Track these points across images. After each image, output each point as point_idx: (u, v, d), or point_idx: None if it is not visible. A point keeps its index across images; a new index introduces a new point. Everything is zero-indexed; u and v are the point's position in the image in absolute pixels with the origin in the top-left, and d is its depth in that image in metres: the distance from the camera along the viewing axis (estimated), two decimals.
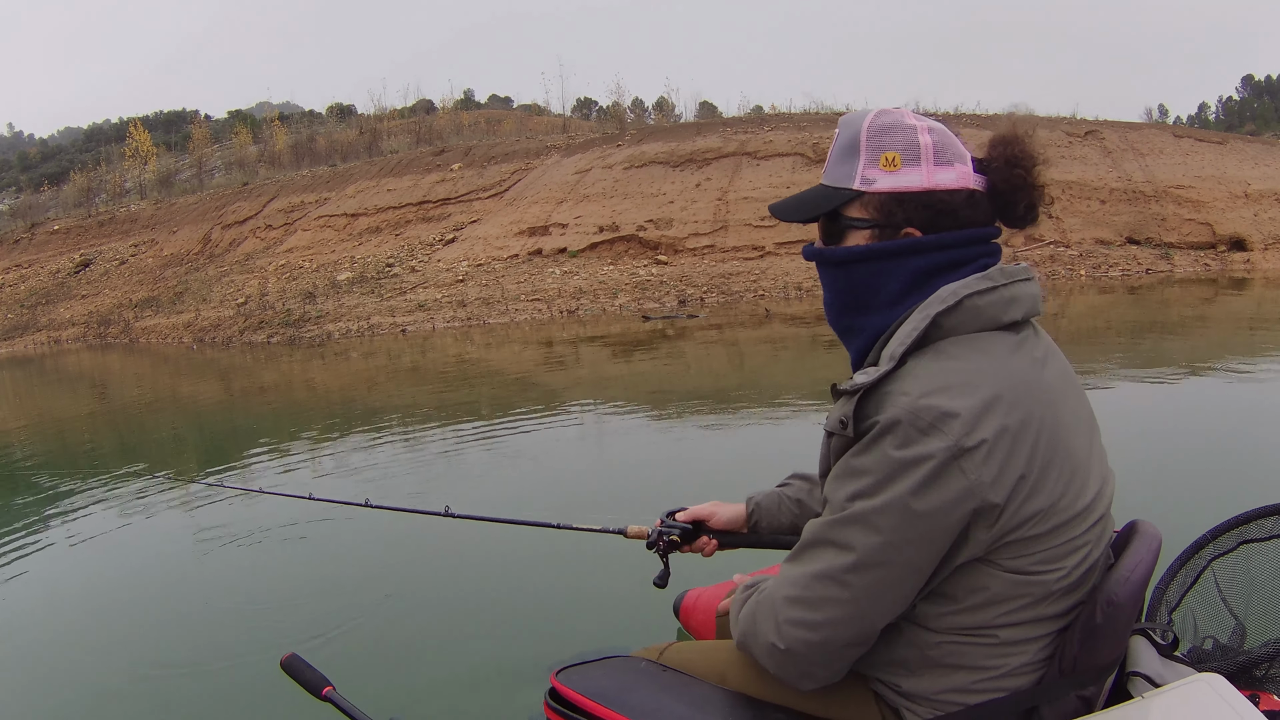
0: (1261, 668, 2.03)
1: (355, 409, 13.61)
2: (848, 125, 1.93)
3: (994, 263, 1.89)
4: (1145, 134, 34.22)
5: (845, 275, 1.92)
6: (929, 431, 1.63)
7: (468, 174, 35.72)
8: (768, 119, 37.31)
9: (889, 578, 1.72)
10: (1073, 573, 1.79)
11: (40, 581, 6.08)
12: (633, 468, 8.09)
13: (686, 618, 3.23)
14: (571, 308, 25.68)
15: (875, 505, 1.68)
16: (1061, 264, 27.41)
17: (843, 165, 1.91)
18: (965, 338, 1.77)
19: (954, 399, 1.65)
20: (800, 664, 1.83)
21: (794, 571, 1.83)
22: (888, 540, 1.68)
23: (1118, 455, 1.98)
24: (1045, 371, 1.81)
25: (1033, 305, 1.87)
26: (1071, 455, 1.77)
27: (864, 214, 1.89)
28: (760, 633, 1.88)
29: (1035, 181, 1.89)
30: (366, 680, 4.11)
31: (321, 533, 6.62)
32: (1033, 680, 1.85)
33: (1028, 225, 1.94)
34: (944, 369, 1.72)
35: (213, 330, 29.54)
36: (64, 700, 4.28)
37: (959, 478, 1.63)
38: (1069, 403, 1.84)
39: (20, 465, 11.00)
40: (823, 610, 1.77)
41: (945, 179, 1.85)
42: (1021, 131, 1.93)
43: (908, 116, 1.90)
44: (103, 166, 60.45)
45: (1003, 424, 1.65)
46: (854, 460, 1.74)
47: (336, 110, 71.60)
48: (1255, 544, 2.37)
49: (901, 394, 1.70)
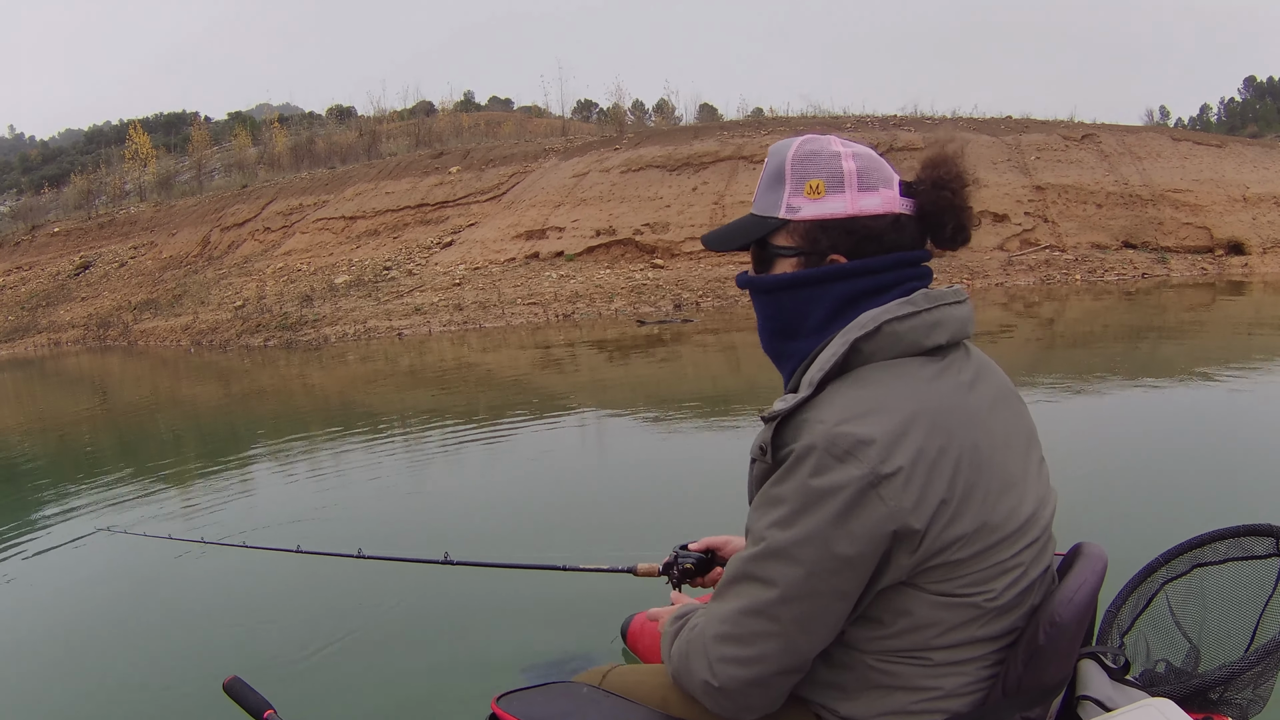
0: (1216, 690, 2.03)
1: (348, 415, 13.60)
2: (775, 154, 1.95)
3: (922, 285, 1.91)
4: (1143, 137, 34.15)
5: (774, 302, 1.95)
6: (845, 459, 1.64)
7: (466, 177, 35.74)
8: (765, 122, 37.39)
9: (815, 608, 1.71)
10: (1003, 594, 1.79)
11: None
12: (636, 489, 7.80)
13: (635, 641, 3.23)
14: (567, 311, 25.67)
15: (794, 537, 1.68)
16: (1057, 268, 27.37)
17: (770, 194, 1.94)
18: (884, 364, 1.78)
19: (869, 425, 1.66)
20: (737, 699, 1.82)
21: (721, 608, 1.83)
22: (810, 571, 1.68)
23: (1071, 474, 1.97)
24: (971, 394, 1.81)
25: (960, 328, 1.87)
26: (1002, 476, 1.77)
27: (790, 242, 1.91)
28: (694, 671, 1.87)
29: (962, 203, 1.90)
30: (308, 705, 4.08)
31: (270, 557, 6.48)
32: (974, 701, 1.85)
33: (958, 246, 1.94)
34: (861, 396, 1.73)
35: (210, 333, 29.54)
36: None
37: (877, 505, 1.63)
38: (1001, 423, 1.84)
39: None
40: (753, 645, 1.76)
41: (869, 204, 1.86)
42: (951, 152, 1.94)
43: (833, 144, 1.91)
44: (103, 169, 60.54)
45: (920, 448, 1.65)
46: (772, 489, 1.74)
47: (336, 112, 71.68)
48: (1209, 567, 2.37)
49: (818, 421, 1.71)
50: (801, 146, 1.92)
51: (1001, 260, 27.77)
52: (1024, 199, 29.86)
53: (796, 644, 1.75)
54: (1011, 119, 35.90)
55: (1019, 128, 33.98)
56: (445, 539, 5.99)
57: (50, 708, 4.35)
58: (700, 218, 29.53)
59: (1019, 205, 29.61)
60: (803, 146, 1.92)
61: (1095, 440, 8.39)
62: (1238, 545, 2.33)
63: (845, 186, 1.86)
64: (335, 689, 4.26)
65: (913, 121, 34.95)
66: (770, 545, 1.72)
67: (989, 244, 28.42)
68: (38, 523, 7.84)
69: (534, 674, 4.11)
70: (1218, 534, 2.37)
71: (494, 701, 2.16)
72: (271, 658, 4.64)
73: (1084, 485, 6.39)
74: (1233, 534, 2.34)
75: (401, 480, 8.60)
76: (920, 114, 36.90)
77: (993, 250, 28.30)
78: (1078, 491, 5.66)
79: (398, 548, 5.91)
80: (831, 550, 1.65)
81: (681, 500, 7.07)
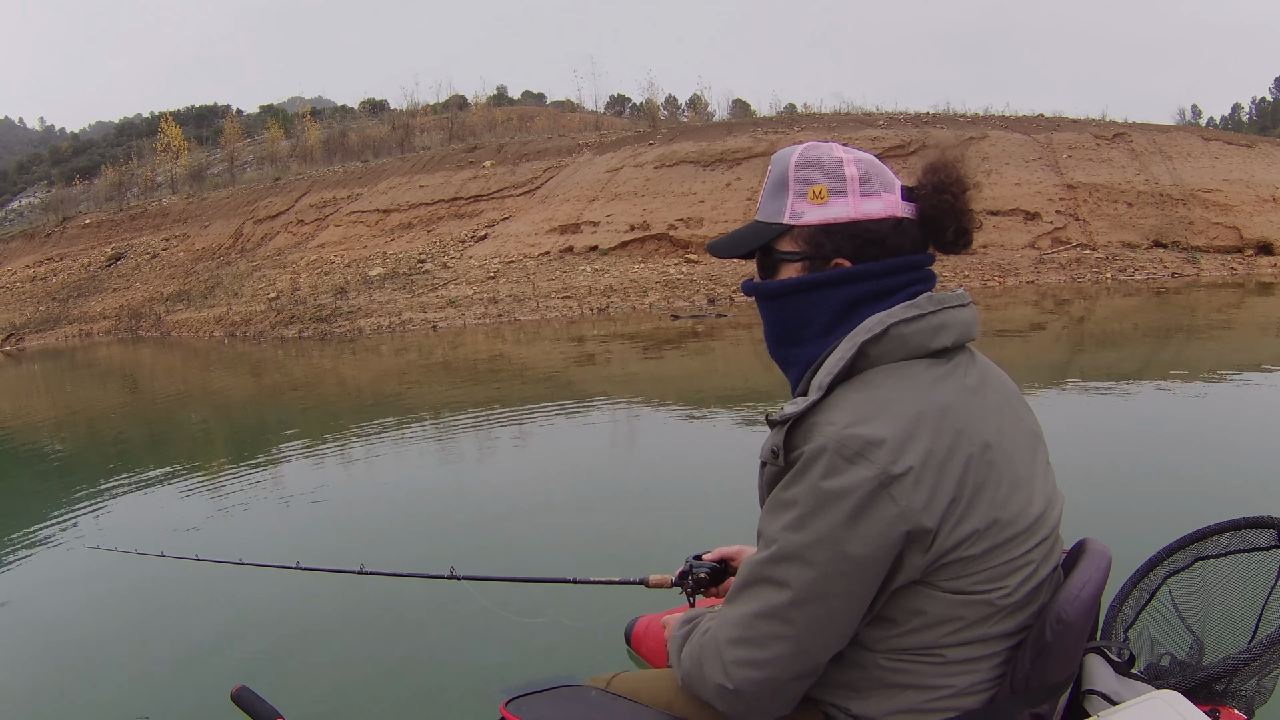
0: (1221, 682, 2.03)
1: (370, 411, 13.71)
2: (778, 162, 1.98)
3: (925, 289, 1.92)
4: (1173, 136, 34.00)
5: (779, 307, 1.96)
6: (855, 460, 1.65)
7: (500, 171, 35.94)
8: (798, 119, 37.41)
9: (829, 609, 1.73)
10: (1016, 591, 1.80)
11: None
12: (652, 493, 7.55)
13: (638, 644, 3.23)
14: (602, 305, 25.89)
15: (806, 539, 1.69)
16: (1087, 266, 27.31)
17: (774, 201, 1.96)
18: (891, 366, 1.80)
19: (879, 427, 1.68)
20: (751, 702, 1.84)
21: (734, 612, 1.84)
22: (822, 573, 1.69)
23: (1079, 470, 2.05)
24: (977, 396, 1.83)
25: (965, 331, 1.90)
26: (1011, 475, 1.79)
27: (794, 247, 1.93)
28: (707, 675, 1.88)
29: (963, 206, 1.93)
30: (317, 712, 4.07)
31: (263, 567, 6.24)
32: (984, 699, 1.87)
33: (959, 250, 1.97)
34: (869, 398, 1.75)
35: (244, 325, 29.95)
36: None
37: (889, 505, 1.64)
38: (1007, 425, 1.86)
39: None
40: (768, 648, 1.77)
41: (872, 208, 1.88)
42: (951, 157, 1.96)
43: (835, 149, 1.94)
44: (134, 161, 60.74)
45: (929, 448, 1.67)
46: (783, 493, 1.76)
47: (369, 105, 71.85)
48: (1211, 560, 2.38)
49: (828, 424, 1.72)
50: (804, 153, 1.95)
51: (1033, 258, 27.76)
52: (1055, 197, 29.83)
53: (811, 646, 1.76)
54: (1044, 117, 35.80)
55: (1051, 126, 33.92)
56: (453, 549, 6.24)
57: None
58: (734, 213, 29.66)
59: (1050, 204, 29.60)
60: (805, 153, 1.95)
61: (1105, 435, 8.44)
62: (1239, 538, 2.34)
63: (848, 191, 1.89)
64: (344, 698, 4.25)
65: (945, 119, 34.90)
66: (782, 548, 1.73)
67: (1020, 242, 28.45)
68: (22, 539, 7.56)
69: (542, 681, 4.08)
70: (1219, 527, 2.38)
71: (503, 706, 2.17)
72: (278, 667, 4.63)
73: (1089, 480, 6.45)
74: (1234, 526, 2.35)
75: (405, 486, 8.41)
76: (953, 111, 36.80)
77: (1024, 248, 28.30)
78: (1082, 487, 5.76)
79: (406, 555, 6.04)
80: (844, 551, 1.67)
81: (697, 506, 6.93)
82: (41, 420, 15.83)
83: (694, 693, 1.97)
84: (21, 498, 9.68)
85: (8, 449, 13.10)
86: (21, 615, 5.83)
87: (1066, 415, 9.26)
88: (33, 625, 5.62)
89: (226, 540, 6.89)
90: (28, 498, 9.58)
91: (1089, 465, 6.93)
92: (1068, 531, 1.99)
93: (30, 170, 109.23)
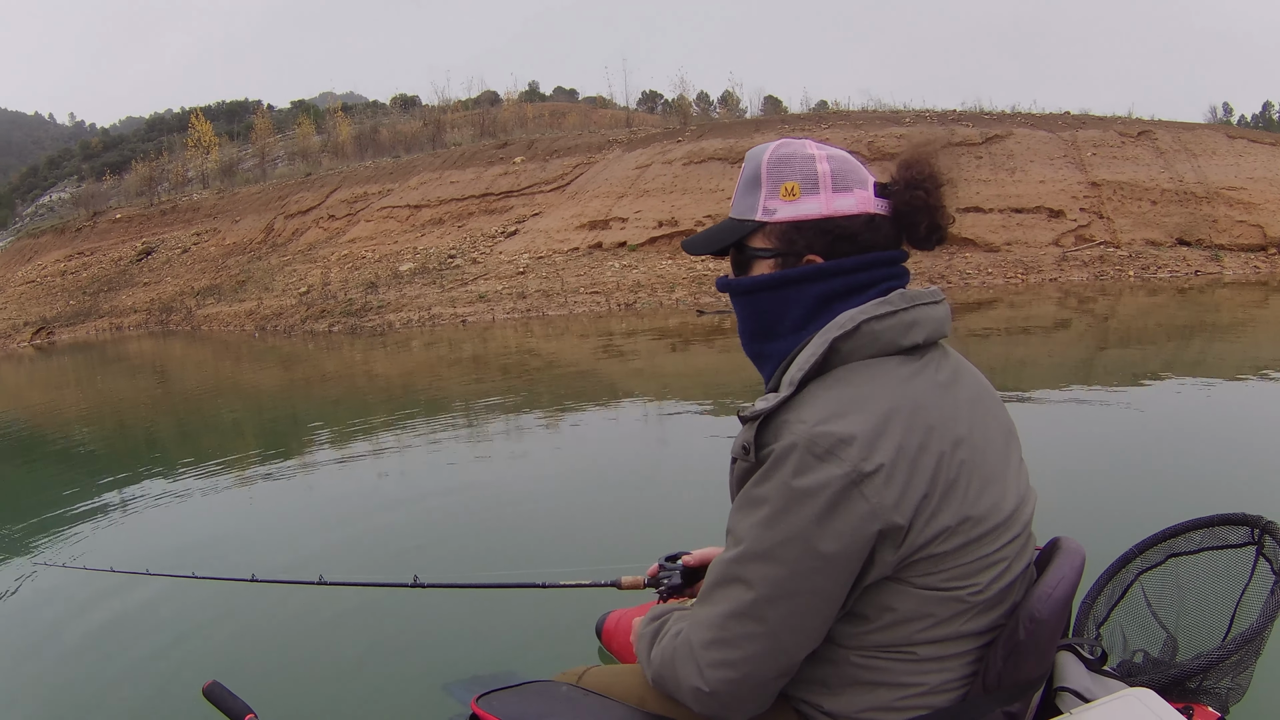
0: (1194, 679, 2.05)
1: (411, 400, 14.00)
2: (751, 159, 2.00)
3: (899, 285, 1.94)
4: (1198, 134, 33.81)
5: (752, 303, 1.98)
6: (826, 458, 1.66)
7: (530, 167, 36.23)
8: (826, 116, 37.56)
9: (801, 606, 1.73)
10: (988, 588, 1.81)
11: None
12: (635, 495, 7.29)
13: (609, 639, 3.26)
14: (629, 301, 26.12)
15: (776, 537, 1.70)
16: (1110, 264, 27.23)
17: (747, 198, 1.98)
18: (863, 363, 1.80)
19: (849, 424, 1.68)
20: (727, 702, 1.84)
21: (707, 613, 1.84)
22: (793, 571, 1.70)
23: (1055, 468, 2.08)
24: (949, 392, 1.84)
25: (937, 328, 1.90)
26: (984, 472, 1.80)
27: (767, 244, 1.95)
28: (682, 678, 1.88)
29: (936, 202, 1.93)
30: (289, 708, 4.03)
31: (240, 556, 6.36)
32: (956, 697, 1.87)
33: (932, 246, 1.97)
34: (840, 395, 1.75)
35: (275, 318, 30.34)
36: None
37: (860, 503, 1.65)
38: (979, 421, 1.86)
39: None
40: (742, 648, 1.77)
41: (844, 205, 1.89)
42: (925, 154, 1.96)
43: (808, 146, 1.95)
44: (165, 156, 60.97)
45: (900, 445, 1.68)
46: (754, 490, 1.76)
47: (400, 101, 72.05)
48: (1183, 557, 2.40)
49: (799, 421, 1.72)
50: (776, 150, 1.96)
51: (1056, 256, 27.77)
52: (1079, 195, 29.82)
53: (785, 644, 1.76)
54: (1069, 115, 35.71)
55: (1076, 124, 33.86)
56: (418, 553, 5.99)
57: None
58: None
59: (1074, 201, 29.60)
60: (777, 150, 1.95)
61: (1084, 433, 8.41)
62: (1212, 534, 2.36)
63: (820, 188, 1.89)
64: (316, 695, 4.21)
65: (970, 116, 34.89)
66: (752, 546, 1.73)
67: (1044, 239, 28.53)
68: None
69: (513, 676, 3.90)
70: (1192, 524, 2.41)
71: (474, 701, 2.18)
72: (250, 665, 4.58)
73: (1065, 477, 6.40)
74: (1207, 524, 2.38)
75: (369, 490, 8.13)
76: (980, 109, 36.74)
77: (1048, 246, 28.32)
78: (1058, 484, 5.69)
79: (370, 562, 5.93)
80: (815, 549, 1.67)
81: (673, 505, 6.77)
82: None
83: (666, 693, 1.99)
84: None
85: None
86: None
87: (1047, 412, 9.26)
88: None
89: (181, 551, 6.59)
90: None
91: (1066, 463, 6.90)
92: (1041, 529, 2.02)
93: (60, 166, 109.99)
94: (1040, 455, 2.03)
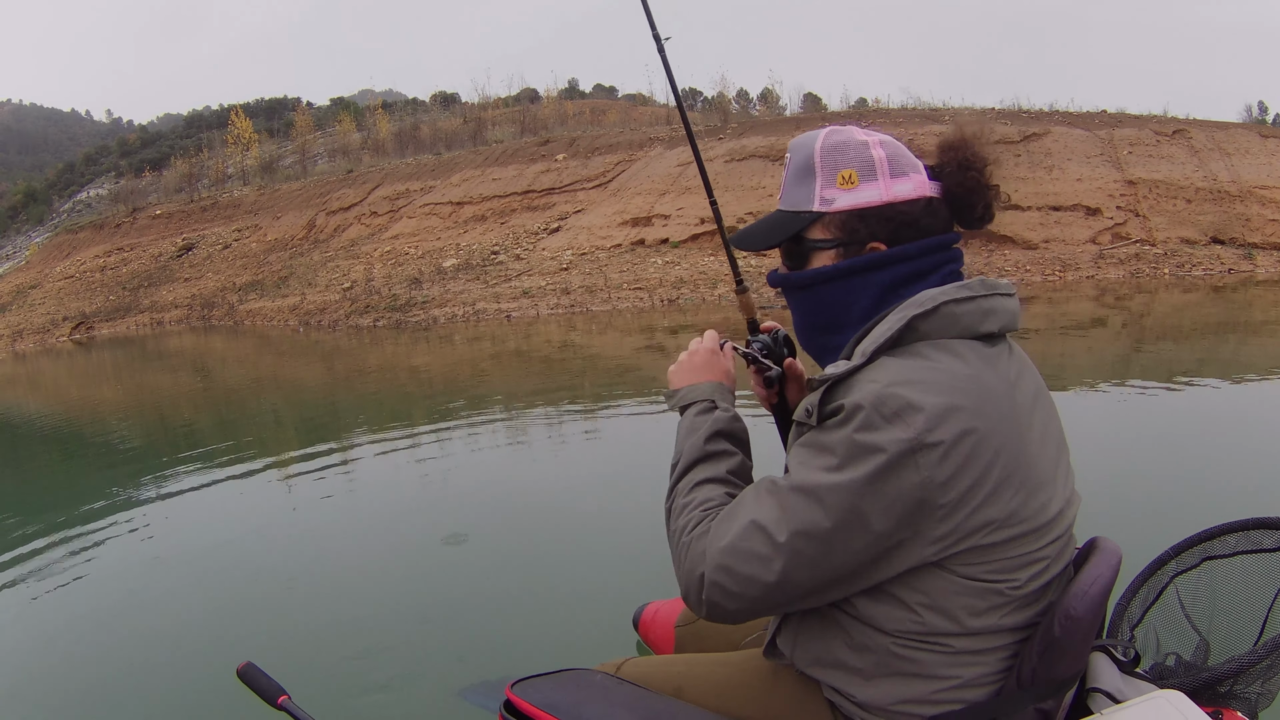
0: (1225, 684, 2.02)
1: (451, 396, 14.45)
2: (799, 148, 1.97)
3: (957, 268, 1.94)
4: (1232, 133, 33.82)
5: (814, 297, 1.94)
6: (892, 420, 1.64)
7: (572, 164, 36.50)
8: (865, 114, 37.60)
9: (823, 552, 1.70)
10: (1027, 584, 1.80)
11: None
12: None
13: (646, 631, 3.24)
14: (672, 297, 26.35)
15: (828, 481, 1.68)
16: (1146, 262, 27.30)
17: (800, 188, 1.95)
18: (940, 342, 1.78)
19: (921, 394, 1.66)
20: (714, 607, 1.82)
21: (734, 525, 1.81)
22: (831, 518, 1.68)
23: (1094, 467, 2.08)
24: (1015, 390, 1.81)
25: (1009, 320, 1.88)
26: (1034, 472, 1.77)
27: (827, 234, 1.91)
28: (686, 562, 1.87)
29: (988, 182, 1.93)
30: (323, 689, 4.10)
31: (278, 542, 6.60)
32: (991, 692, 1.85)
33: (984, 225, 1.96)
34: (916, 365, 1.73)
35: (319, 313, 30.78)
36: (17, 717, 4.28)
37: (913, 471, 1.63)
38: (1037, 423, 1.83)
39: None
40: (751, 565, 1.75)
41: (903, 190, 1.88)
42: (970, 134, 1.96)
43: (858, 133, 1.93)
44: (204, 152, 61.66)
45: (964, 429, 1.66)
46: (820, 436, 1.74)
47: (440, 98, 72.18)
48: (1219, 560, 2.37)
49: (870, 380, 1.71)
50: (828, 138, 1.92)
51: (1093, 253, 27.91)
52: (1116, 193, 29.91)
53: (794, 578, 1.74)
54: (1106, 113, 35.73)
55: (1112, 122, 33.92)
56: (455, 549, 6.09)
57: (52, 705, 4.41)
58: None
59: (1111, 199, 29.71)
60: (829, 138, 1.92)
61: (1125, 431, 8.42)
62: (1247, 538, 2.33)
63: (878, 174, 1.88)
64: (348, 676, 4.30)
65: (1008, 114, 34.98)
66: (804, 481, 1.72)
67: (1081, 237, 28.67)
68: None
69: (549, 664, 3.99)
70: (1227, 527, 2.37)
71: (509, 688, 2.18)
72: (284, 646, 4.70)
73: (1104, 477, 6.41)
74: (1242, 527, 2.35)
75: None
76: (1019, 107, 36.80)
77: (1084, 243, 28.47)
78: (1098, 483, 5.62)
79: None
80: (859, 506, 1.66)
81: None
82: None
83: (672, 556, 1.93)
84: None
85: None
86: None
87: (1085, 411, 9.26)
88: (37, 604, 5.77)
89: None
90: None
91: (1104, 462, 6.88)
92: (1079, 528, 1.99)
93: (98, 162, 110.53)
94: (1078, 454, 2.04)
